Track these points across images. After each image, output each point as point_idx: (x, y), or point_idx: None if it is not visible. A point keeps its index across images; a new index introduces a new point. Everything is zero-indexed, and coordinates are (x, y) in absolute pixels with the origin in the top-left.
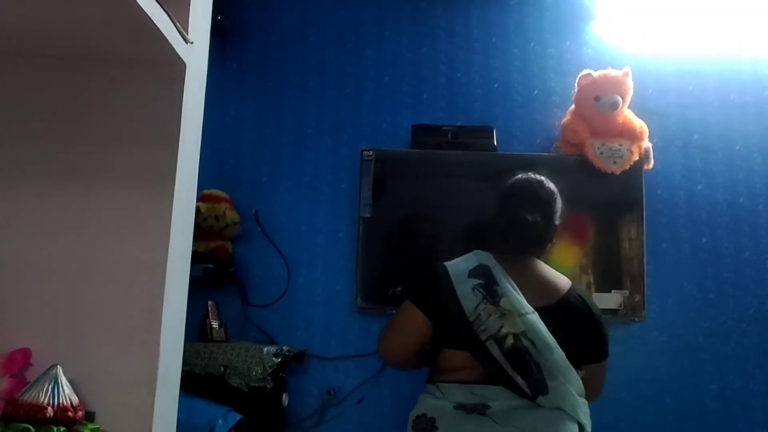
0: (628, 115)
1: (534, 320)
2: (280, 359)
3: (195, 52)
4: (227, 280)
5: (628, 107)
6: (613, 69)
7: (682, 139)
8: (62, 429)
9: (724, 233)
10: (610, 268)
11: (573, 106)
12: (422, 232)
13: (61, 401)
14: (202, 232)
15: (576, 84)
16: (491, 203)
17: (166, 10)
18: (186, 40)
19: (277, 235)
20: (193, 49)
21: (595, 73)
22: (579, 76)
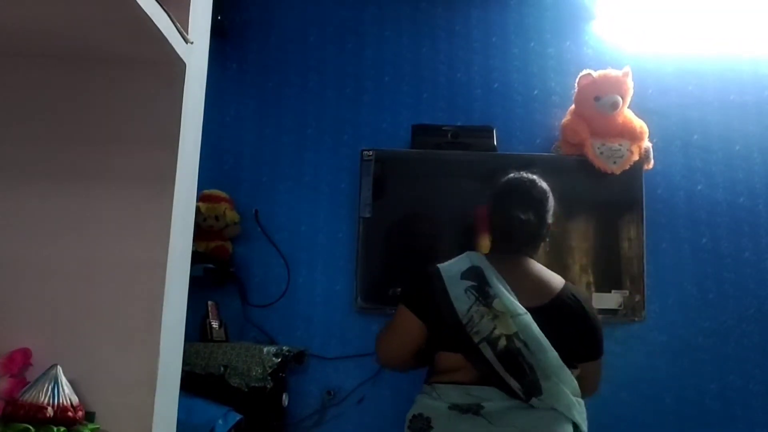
0: (628, 115)
1: (527, 321)
2: (280, 359)
3: (195, 52)
4: (227, 280)
5: (628, 107)
6: (613, 69)
7: (682, 139)
8: (62, 429)
9: (724, 233)
10: (610, 268)
11: (573, 106)
12: (422, 232)
13: (61, 401)
14: (202, 232)
15: (576, 84)
16: (486, 203)
17: (166, 10)
18: (186, 40)
19: (277, 235)
20: (193, 49)
21: (595, 73)
22: (579, 76)
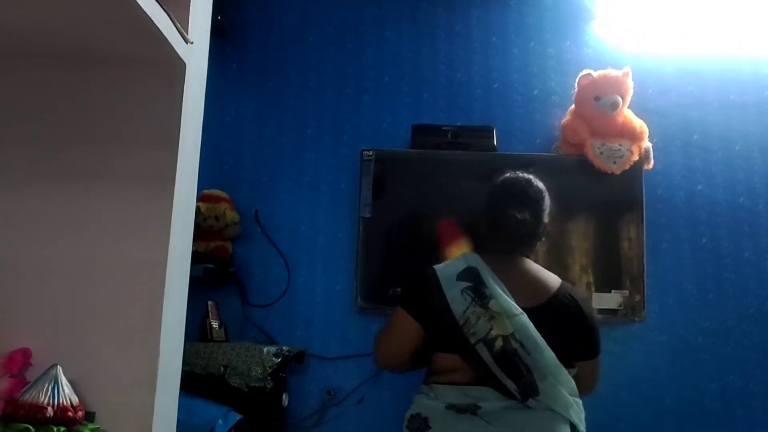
0: (628, 115)
1: (523, 321)
2: (280, 359)
3: (195, 52)
4: (227, 280)
5: (628, 107)
6: (613, 69)
7: (682, 139)
8: (62, 429)
9: (724, 233)
10: (610, 268)
11: (573, 106)
12: (422, 232)
13: (61, 401)
14: (202, 232)
15: (576, 84)
16: (482, 202)
17: (166, 10)
18: (186, 40)
19: (277, 235)
20: (193, 49)
21: (595, 73)
22: (579, 76)
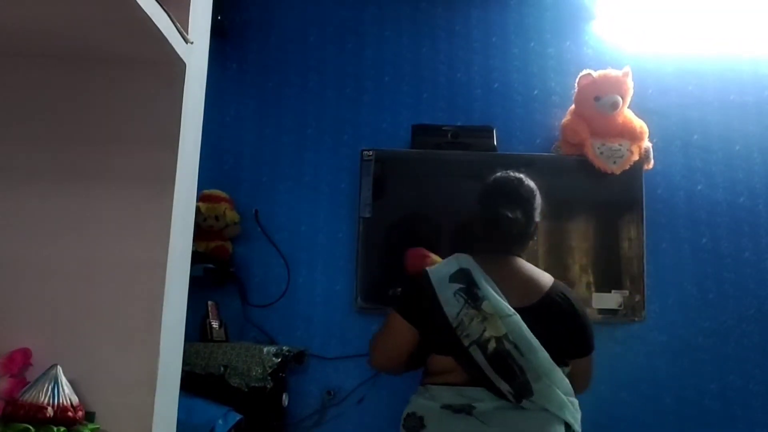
0: (628, 115)
1: (516, 322)
2: (280, 359)
3: (195, 52)
4: (227, 280)
5: (628, 107)
6: (613, 69)
7: (682, 139)
8: (62, 429)
9: (724, 233)
10: (610, 268)
11: (573, 106)
12: (422, 232)
13: (61, 401)
14: (202, 232)
15: (576, 84)
16: (474, 202)
17: (166, 10)
18: (186, 40)
19: (277, 235)
20: (193, 49)
21: (595, 73)
22: (579, 76)
